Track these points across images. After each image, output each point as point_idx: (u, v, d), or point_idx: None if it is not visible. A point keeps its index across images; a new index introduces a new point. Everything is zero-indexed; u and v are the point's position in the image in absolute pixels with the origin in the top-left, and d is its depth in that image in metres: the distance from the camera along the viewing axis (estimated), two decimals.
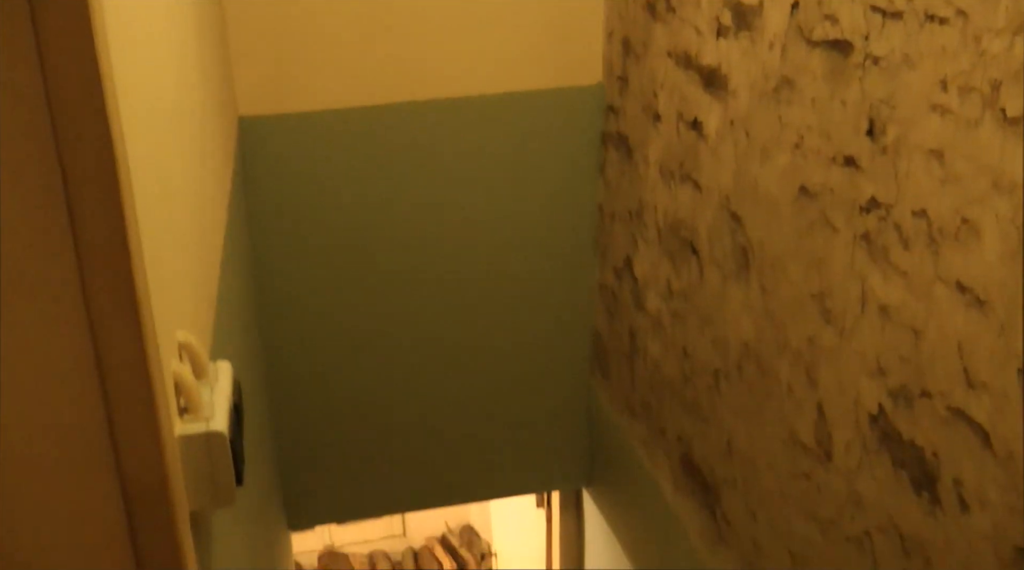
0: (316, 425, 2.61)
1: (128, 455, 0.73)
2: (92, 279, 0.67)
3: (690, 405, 2.02)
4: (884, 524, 1.35)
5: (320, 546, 5.85)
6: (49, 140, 0.65)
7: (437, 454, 2.74)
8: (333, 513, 2.83)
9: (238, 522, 1.25)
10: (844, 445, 1.43)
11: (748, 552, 1.82)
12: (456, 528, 5.89)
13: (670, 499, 2.20)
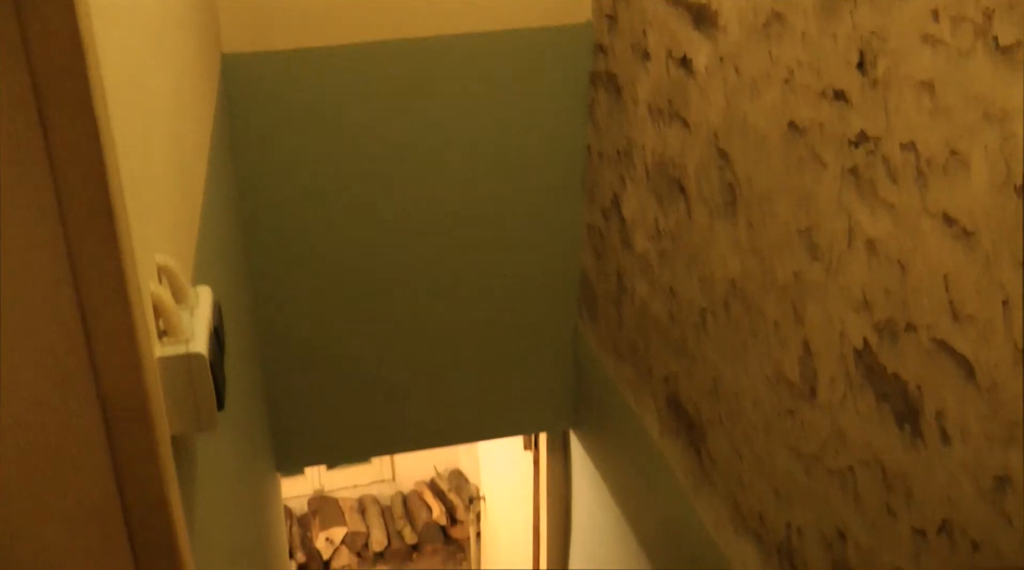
0: (303, 368, 2.61)
1: (107, 376, 0.72)
2: (68, 196, 0.66)
3: (676, 345, 2.03)
4: (867, 458, 1.36)
5: (310, 491, 5.88)
6: (19, 52, 0.63)
7: (424, 396, 2.74)
8: (321, 456, 2.84)
9: (222, 452, 1.25)
10: (828, 381, 1.44)
11: (733, 490, 1.84)
12: (445, 473, 5.94)
13: (656, 439, 2.21)
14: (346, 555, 5.56)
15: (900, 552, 1.30)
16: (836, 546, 1.48)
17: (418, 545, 5.62)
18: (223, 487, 1.24)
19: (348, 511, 5.70)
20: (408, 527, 5.62)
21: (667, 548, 2.26)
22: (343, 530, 5.53)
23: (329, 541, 5.52)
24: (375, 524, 5.63)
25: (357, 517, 5.68)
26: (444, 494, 5.74)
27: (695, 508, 2.01)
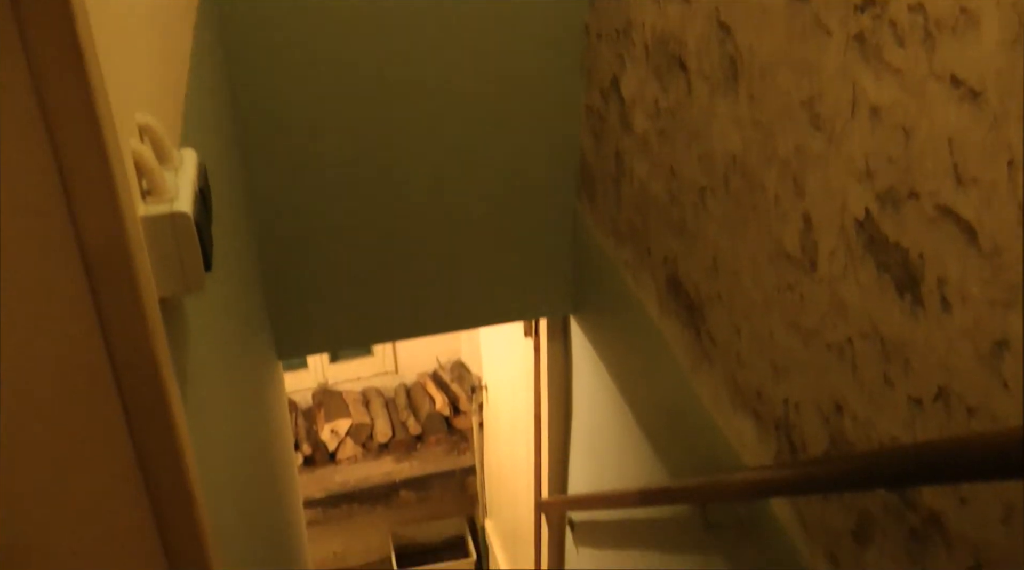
0: (303, 256, 2.60)
1: (90, 235, 0.70)
2: (37, 40, 0.64)
3: (676, 224, 2.01)
4: (866, 330, 1.36)
5: (314, 384, 5.95)
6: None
7: (424, 283, 2.74)
8: (322, 343, 2.85)
9: (215, 320, 1.25)
10: (829, 253, 1.43)
11: (731, 368, 1.84)
12: (447, 364, 5.99)
13: (655, 320, 2.21)
14: (351, 446, 5.65)
15: (896, 421, 1.31)
16: (833, 419, 1.49)
17: (422, 435, 5.71)
18: (216, 355, 1.24)
19: (352, 403, 5.77)
20: (412, 418, 5.70)
21: (666, 428, 2.28)
22: (348, 422, 5.60)
23: (334, 433, 5.60)
24: (379, 415, 5.71)
25: (361, 409, 5.76)
26: (447, 385, 5.80)
27: (694, 387, 2.02)
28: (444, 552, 6.16)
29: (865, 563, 1.46)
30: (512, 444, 4.37)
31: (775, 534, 1.77)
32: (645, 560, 2.65)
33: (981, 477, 1.01)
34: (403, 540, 6.11)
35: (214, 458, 1.09)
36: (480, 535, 5.89)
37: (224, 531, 1.08)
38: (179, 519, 0.76)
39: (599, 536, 3.15)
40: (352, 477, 5.52)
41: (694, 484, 1.93)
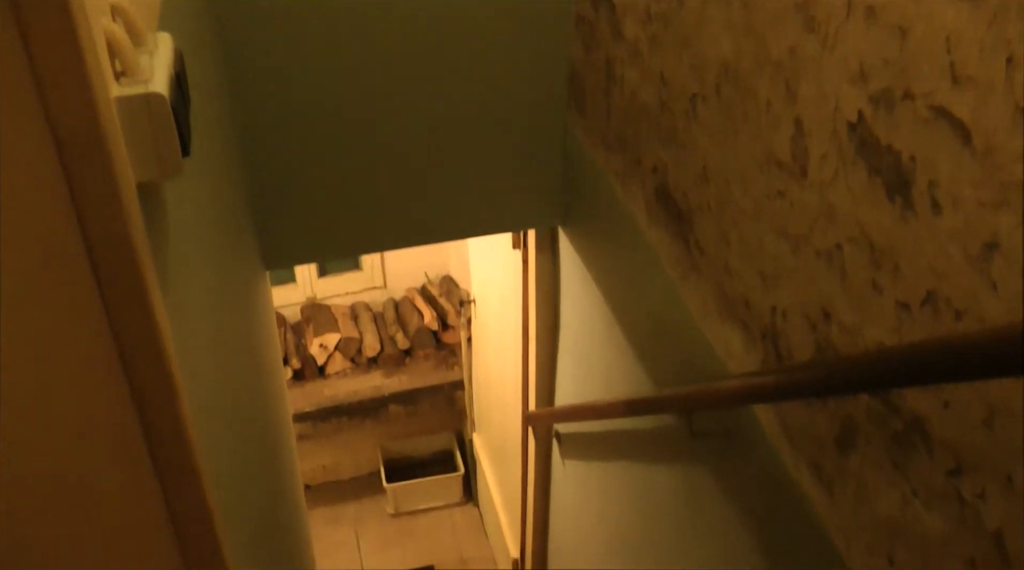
0: (290, 164, 2.57)
1: (61, 116, 0.68)
2: None
3: (666, 133, 1.98)
4: (855, 235, 1.35)
5: (303, 299, 5.95)
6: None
7: (413, 194, 2.72)
8: (309, 254, 2.83)
9: (195, 213, 1.23)
10: (820, 158, 1.41)
11: (719, 277, 1.84)
12: (435, 279, 5.99)
13: (644, 231, 2.20)
14: (340, 361, 5.68)
15: (883, 326, 1.30)
16: (820, 326, 1.49)
17: (410, 350, 5.73)
18: (199, 251, 1.22)
19: (341, 318, 5.78)
20: (400, 333, 5.71)
21: (653, 339, 2.29)
22: (336, 336, 5.62)
23: (323, 347, 5.62)
24: (368, 330, 5.72)
25: (350, 323, 5.77)
26: (435, 300, 5.81)
27: (681, 297, 2.02)
28: (433, 466, 6.24)
29: (847, 470, 1.47)
30: (500, 358, 4.40)
31: (759, 443, 1.79)
32: (630, 471, 2.68)
33: (967, 377, 1.00)
34: (392, 454, 6.19)
35: (198, 358, 1.08)
36: (468, 449, 5.97)
37: (211, 436, 1.08)
38: (162, 414, 0.75)
39: (585, 449, 3.19)
40: (341, 391, 5.55)
41: (680, 393, 1.94)
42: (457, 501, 6.10)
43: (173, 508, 0.82)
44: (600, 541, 3.16)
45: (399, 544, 5.84)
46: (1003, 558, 1.16)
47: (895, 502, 1.36)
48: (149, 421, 0.75)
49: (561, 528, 3.85)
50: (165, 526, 0.85)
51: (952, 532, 1.25)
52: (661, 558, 2.52)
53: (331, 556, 5.73)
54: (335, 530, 5.96)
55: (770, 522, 1.82)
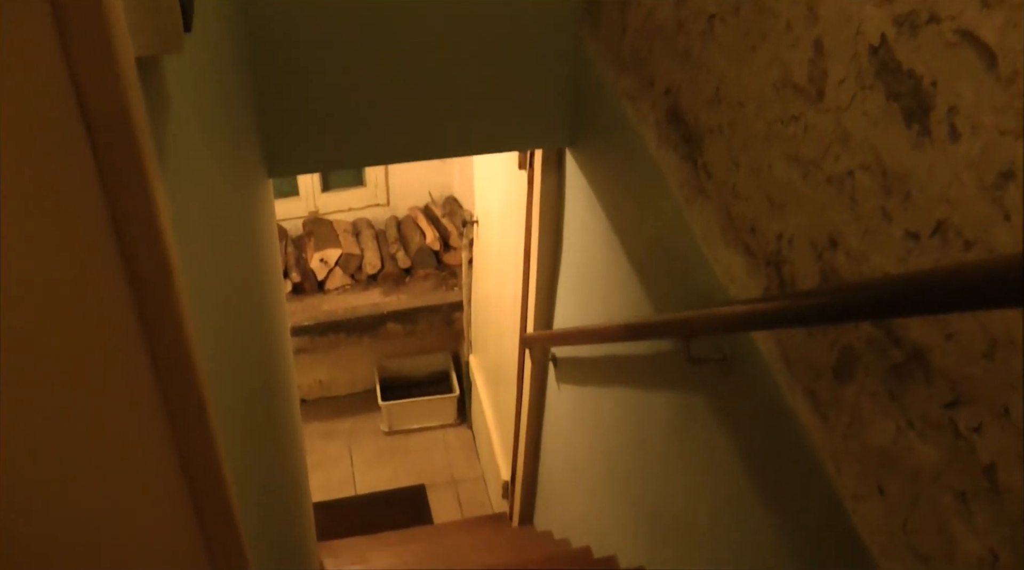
0: (297, 72, 2.53)
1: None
2: None
3: (681, 53, 1.94)
4: (868, 162, 1.32)
5: (305, 212, 5.92)
6: None
7: (420, 108, 2.68)
8: (313, 162, 2.80)
9: (196, 97, 1.20)
10: (838, 82, 1.38)
11: (726, 202, 1.81)
12: (439, 199, 5.96)
13: (653, 153, 2.17)
14: (340, 276, 5.67)
15: (890, 255, 1.29)
16: (826, 254, 1.47)
17: (411, 269, 5.72)
18: (200, 138, 1.20)
19: (342, 234, 5.76)
20: (401, 251, 5.70)
21: (656, 263, 2.27)
22: (338, 252, 5.60)
23: (324, 262, 5.61)
24: (369, 247, 5.71)
25: (351, 240, 5.75)
26: (438, 220, 5.79)
27: (686, 221, 2.00)
28: (428, 386, 6.28)
29: (843, 399, 1.47)
30: (500, 281, 4.39)
31: (756, 370, 1.78)
32: (625, 396, 2.69)
33: (974, 305, 0.99)
34: (388, 372, 6.22)
35: (195, 243, 1.06)
36: (464, 371, 5.99)
37: (206, 325, 1.07)
38: (156, 295, 0.74)
39: (581, 373, 3.20)
40: (340, 307, 5.56)
41: (680, 317, 1.93)
42: (451, 422, 6.15)
43: (168, 397, 0.81)
44: (592, 465, 3.19)
45: (391, 462, 5.90)
46: (994, 491, 1.16)
47: (889, 433, 1.36)
48: (143, 300, 0.73)
49: (553, 452, 3.89)
50: (158, 410, 0.84)
51: (944, 464, 1.25)
52: (652, 483, 2.54)
53: (324, 470, 5.79)
54: (329, 444, 6.02)
55: (762, 449, 1.83)
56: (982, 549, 1.21)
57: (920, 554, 1.34)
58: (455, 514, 5.52)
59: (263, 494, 1.70)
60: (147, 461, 0.92)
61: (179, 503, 0.97)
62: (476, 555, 3.96)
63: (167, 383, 0.79)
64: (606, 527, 3.13)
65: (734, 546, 2.05)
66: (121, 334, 0.79)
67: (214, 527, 1.02)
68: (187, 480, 0.95)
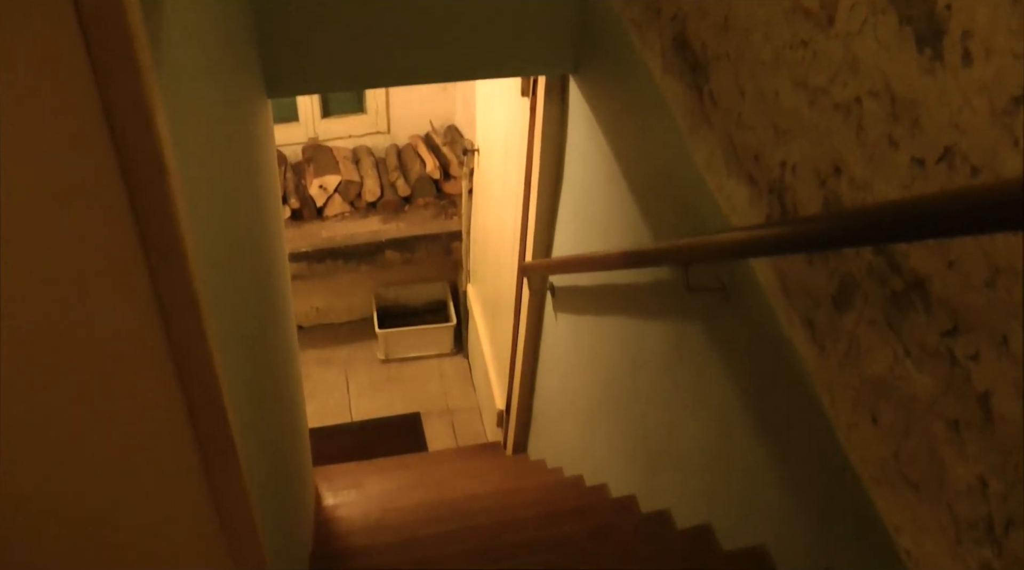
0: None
1: None
2: None
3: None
4: (877, 88, 1.30)
5: (304, 138, 5.87)
6: None
7: (423, 29, 2.64)
8: (313, 83, 2.76)
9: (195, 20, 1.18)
10: (849, 6, 1.35)
11: (730, 130, 1.80)
12: (440, 128, 5.91)
13: (658, 81, 2.14)
14: (339, 203, 5.65)
15: (895, 182, 1.28)
16: (830, 181, 1.46)
17: (410, 197, 5.70)
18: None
19: (342, 160, 5.73)
20: (401, 179, 5.67)
21: (657, 193, 2.26)
22: (337, 178, 5.57)
23: (323, 188, 5.58)
24: (369, 174, 5.68)
25: (351, 166, 5.72)
26: (438, 148, 5.74)
27: (689, 149, 1.98)
28: (425, 315, 6.30)
29: (841, 328, 1.47)
30: (500, 211, 4.38)
31: (754, 299, 1.78)
32: (622, 326, 2.69)
33: (974, 229, 0.98)
34: (386, 301, 6.23)
35: (189, 141, 1.05)
36: (461, 301, 6.00)
37: (200, 224, 1.06)
38: (150, 186, 0.73)
39: (579, 302, 3.20)
40: (338, 234, 5.54)
41: (679, 244, 1.92)
42: (447, 351, 6.18)
43: (160, 291, 0.80)
44: (586, 395, 3.21)
45: (387, 390, 5.94)
46: (987, 419, 1.17)
47: (886, 361, 1.36)
48: (134, 185, 0.72)
49: (548, 381, 3.91)
50: (155, 316, 0.84)
51: (939, 393, 1.25)
52: (647, 411, 2.55)
53: (320, 397, 5.83)
54: (325, 371, 6.05)
55: (757, 378, 1.84)
56: (972, 476, 1.22)
57: (910, 482, 1.35)
58: (449, 443, 5.57)
59: (261, 416, 1.71)
60: (141, 362, 0.92)
61: (175, 411, 0.97)
62: (469, 481, 4.00)
63: (160, 274, 0.79)
64: (598, 457, 3.16)
65: (725, 475, 2.08)
66: (115, 225, 0.78)
67: (212, 446, 1.02)
68: (183, 387, 0.95)
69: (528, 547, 2.43)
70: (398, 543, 2.81)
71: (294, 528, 2.18)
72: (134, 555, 1.15)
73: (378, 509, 3.60)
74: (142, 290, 0.85)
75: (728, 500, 2.09)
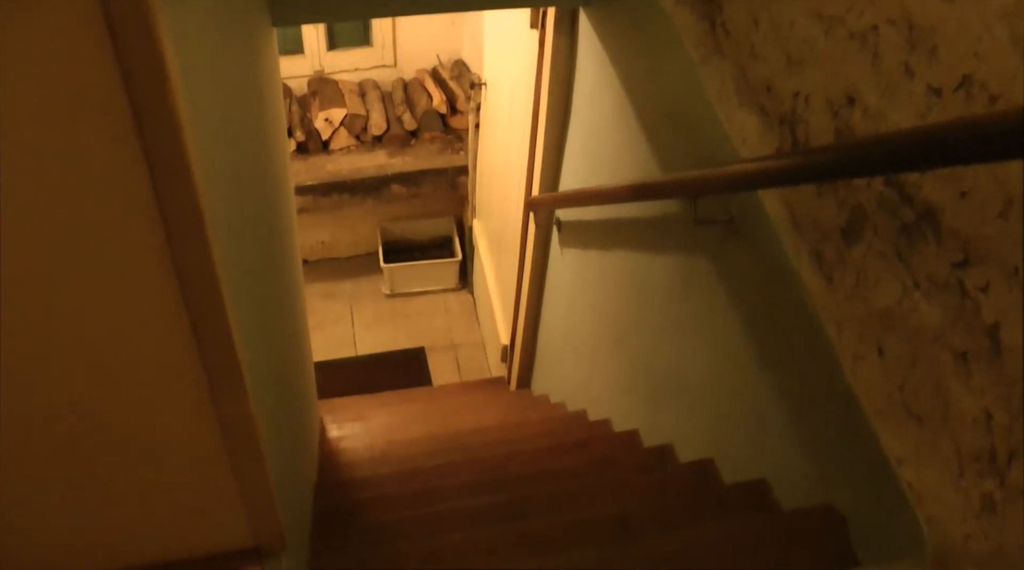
0: None
1: None
2: None
3: None
4: (895, 15, 1.28)
5: (310, 71, 5.82)
6: None
7: None
8: (318, 12, 2.72)
9: None
10: None
11: (743, 62, 1.77)
12: (447, 62, 5.85)
13: (670, 11, 2.10)
14: (345, 137, 5.61)
15: (910, 112, 1.26)
16: (843, 112, 1.44)
17: (417, 131, 5.66)
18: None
19: (348, 94, 5.68)
20: (408, 113, 5.62)
21: (667, 126, 2.23)
22: (343, 112, 5.53)
23: (328, 122, 5.54)
24: (375, 108, 5.63)
25: (357, 100, 5.67)
26: (445, 83, 5.69)
27: (700, 81, 1.95)
28: (431, 250, 6.30)
29: (850, 260, 1.46)
30: (506, 146, 4.34)
31: (762, 232, 1.77)
32: (628, 260, 2.68)
33: (990, 157, 0.97)
34: (391, 235, 6.22)
35: (197, 67, 1.03)
36: (467, 237, 5.99)
37: (208, 154, 1.05)
38: (152, 97, 0.71)
39: (585, 237, 3.19)
40: (344, 167, 5.52)
41: (688, 176, 1.90)
42: (452, 287, 6.19)
43: (163, 207, 0.80)
44: (590, 330, 3.22)
45: (392, 324, 5.96)
46: (995, 351, 1.16)
47: (894, 293, 1.35)
48: (136, 95, 0.71)
49: (552, 316, 3.91)
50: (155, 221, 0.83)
51: (947, 324, 1.25)
52: (649, 347, 2.56)
53: (325, 330, 5.85)
54: (330, 305, 6.07)
55: (762, 311, 1.84)
56: (976, 408, 1.22)
57: (915, 414, 1.36)
58: (453, 378, 5.61)
59: (266, 342, 1.71)
60: (145, 280, 0.92)
61: (179, 329, 0.97)
62: (473, 415, 4.03)
63: (163, 189, 0.78)
64: (602, 392, 3.18)
65: (728, 410, 2.08)
66: (117, 139, 0.77)
67: (217, 365, 1.02)
68: (187, 305, 0.94)
69: (531, 478, 2.45)
70: (402, 474, 2.83)
71: (300, 457, 2.20)
72: (137, 476, 1.16)
73: (382, 441, 3.63)
74: (146, 207, 0.84)
75: (731, 435, 2.10)
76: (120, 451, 1.08)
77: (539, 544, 1.85)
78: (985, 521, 1.26)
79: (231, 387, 1.02)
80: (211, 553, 1.33)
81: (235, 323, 1.02)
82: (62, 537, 1.20)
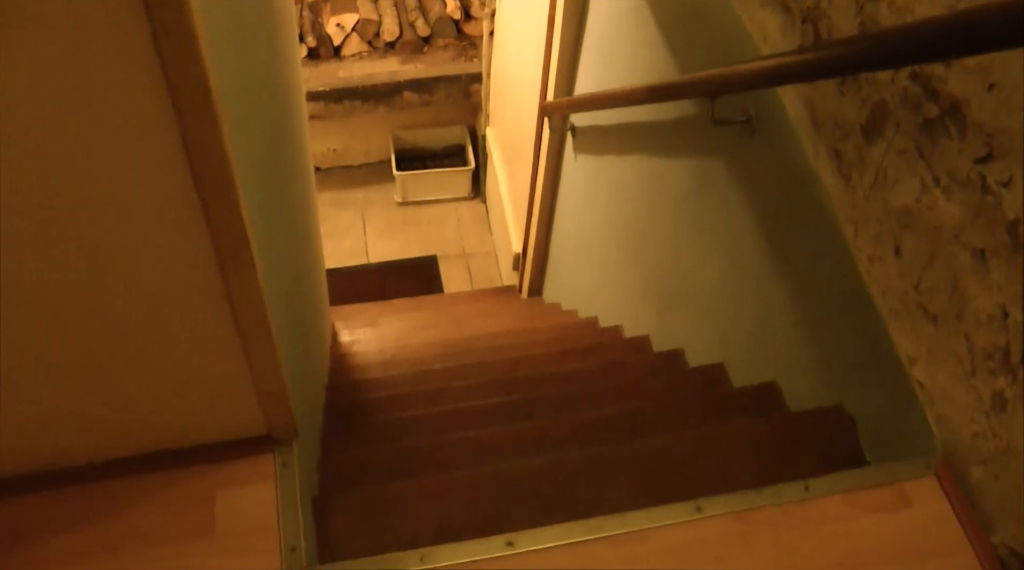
0: None
1: None
2: None
3: None
4: None
5: None
6: None
7: None
8: None
9: None
10: None
11: None
12: None
13: None
14: (357, 42, 5.53)
15: (939, 4, 1.22)
16: (868, 6, 1.40)
17: (430, 38, 5.57)
18: None
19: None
20: (421, 19, 5.53)
21: (686, 24, 2.19)
22: (355, 17, 5.45)
23: (340, 27, 5.46)
24: (388, 14, 5.54)
25: (369, 5, 5.57)
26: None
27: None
28: (443, 158, 6.26)
29: (869, 158, 1.43)
30: (521, 52, 4.28)
31: (780, 131, 1.74)
32: (643, 164, 2.66)
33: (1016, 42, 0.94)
34: (403, 143, 6.17)
35: None
36: (480, 145, 5.94)
37: (216, 27, 1.03)
38: None
39: (599, 142, 3.15)
40: (356, 74, 5.45)
41: (706, 74, 1.87)
42: (465, 195, 6.16)
43: (170, 77, 0.78)
44: (603, 236, 3.20)
45: (404, 232, 5.95)
46: (1015, 247, 1.15)
47: (913, 191, 1.33)
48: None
49: (565, 224, 3.90)
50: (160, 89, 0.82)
51: (967, 221, 1.23)
52: (663, 251, 2.55)
53: (336, 238, 5.85)
54: (342, 213, 6.06)
55: (778, 212, 1.82)
56: (993, 306, 1.21)
57: (929, 313, 1.35)
58: (465, 286, 5.62)
59: (277, 236, 1.70)
60: (157, 164, 0.90)
61: (190, 211, 0.96)
62: (484, 321, 4.05)
63: (169, 58, 0.76)
64: (614, 299, 3.18)
65: (740, 313, 2.08)
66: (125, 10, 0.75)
67: (227, 245, 1.02)
68: (198, 188, 0.93)
69: (541, 380, 2.47)
70: (413, 375, 2.85)
71: (311, 354, 2.21)
72: (149, 359, 1.16)
73: (393, 346, 3.65)
74: (155, 83, 0.83)
75: (742, 339, 2.10)
76: (131, 333, 1.08)
77: (546, 441, 1.86)
78: (994, 419, 1.26)
79: (241, 267, 1.01)
80: (224, 440, 1.34)
81: (247, 210, 1.01)
82: (74, 421, 1.21)
